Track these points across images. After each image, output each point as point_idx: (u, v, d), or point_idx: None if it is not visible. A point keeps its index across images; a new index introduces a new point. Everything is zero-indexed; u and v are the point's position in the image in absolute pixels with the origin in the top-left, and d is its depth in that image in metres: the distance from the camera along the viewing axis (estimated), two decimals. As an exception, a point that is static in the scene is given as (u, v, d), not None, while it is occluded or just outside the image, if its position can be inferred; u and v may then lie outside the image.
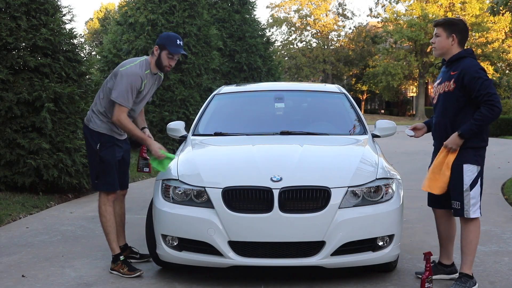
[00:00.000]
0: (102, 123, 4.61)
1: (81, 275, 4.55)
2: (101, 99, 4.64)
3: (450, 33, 4.20)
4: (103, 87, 4.68)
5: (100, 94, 4.68)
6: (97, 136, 4.60)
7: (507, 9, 11.60)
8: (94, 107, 4.67)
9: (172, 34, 4.66)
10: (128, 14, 14.56)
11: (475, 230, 4.15)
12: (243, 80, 18.03)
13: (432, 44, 4.31)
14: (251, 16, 19.22)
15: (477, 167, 4.11)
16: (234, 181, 4.10)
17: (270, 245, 4.02)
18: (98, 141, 4.59)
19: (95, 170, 4.61)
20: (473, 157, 4.10)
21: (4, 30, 7.79)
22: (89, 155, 4.71)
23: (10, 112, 7.71)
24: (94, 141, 4.60)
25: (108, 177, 4.59)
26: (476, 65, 4.11)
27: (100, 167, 4.58)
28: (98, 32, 54.98)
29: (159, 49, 4.60)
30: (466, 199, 4.09)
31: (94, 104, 4.70)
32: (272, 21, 59.84)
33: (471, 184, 4.08)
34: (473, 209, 4.10)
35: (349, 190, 4.11)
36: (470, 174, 4.08)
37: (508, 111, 27.10)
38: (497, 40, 51.46)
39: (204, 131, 5.49)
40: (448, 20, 4.25)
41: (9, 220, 6.59)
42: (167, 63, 4.62)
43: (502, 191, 8.88)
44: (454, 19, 4.28)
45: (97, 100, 4.68)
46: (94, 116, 4.64)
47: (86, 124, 4.69)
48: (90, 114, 4.68)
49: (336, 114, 5.88)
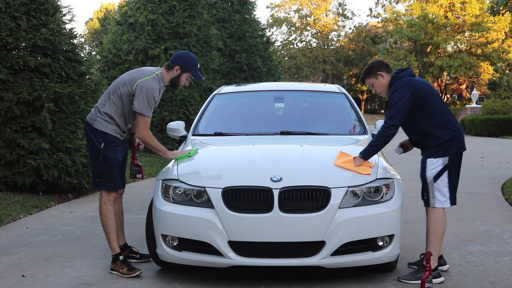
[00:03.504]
0: (108, 124, 4.61)
1: (81, 275, 4.55)
2: (113, 103, 4.61)
3: (376, 75, 4.56)
4: (114, 91, 4.64)
5: (111, 98, 4.63)
6: (101, 136, 4.59)
7: (507, 9, 11.59)
8: (101, 108, 4.64)
9: (195, 58, 4.75)
10: (128, 14, 14.57)
11: (439, 220, 4.38)
12: (243, 80, 18.04)
13: (376, 92, 4.66)
14: (251, 16, 19.23)
15: (442, 159, 4.35)
16: (234, 181, 4.10)
17: (270, 245, 4.02)
18: (102, 140, 4.58)
19: (97, 169, 4.60)
20: (434, 153, 4.38)
21: (4, 30, 7.79)
22: (92, 154, 4.69)
23: (10, 112, 7.71)
24: (98, 140, 4.59)
25: (111, 176, 4.60)
26: (394, 85, 4.45)
27: (103, 166, 4.57)
28: (98, 32, 55.01)
29: (181, 70, 4.68)
30: (431, 190, 4.38)
31: (100, 104, 4.67)
32: (272, 21, 59.84)
33: (435, 176, 4.36)
34: (439, 200, 4.37)
35: (349, 190, 4.11)
36: (432, 167, 4.36)
37: (508, 111, 27.07)
38: (497, 40, 51.44)
39: (204, 131, 5.49)
40: (365, 70, 4.64)
41: (9, 220, 6.59)
42: (184, 84, 4.76)
43: (502, 191, 8.87)
44: (368, 65, 4.68)
45: (106, 102, 4.64)
46: (100, 117, 4.62)
47: (90, 123, 4.65)
48: (95, 113, 4.65)
49: (336, 114, 5.88)
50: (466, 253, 5.16)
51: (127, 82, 4.61)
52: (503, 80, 34.58)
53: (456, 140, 4.41)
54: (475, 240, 5.65)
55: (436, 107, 4.42)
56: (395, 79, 4.48)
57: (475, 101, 34.69)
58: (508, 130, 25.76)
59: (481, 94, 52.02)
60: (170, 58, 4.82)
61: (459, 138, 4.45)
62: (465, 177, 10.55)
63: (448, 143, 4.37)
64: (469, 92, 54.96)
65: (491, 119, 26.27)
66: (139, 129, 4.60)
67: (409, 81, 4.42)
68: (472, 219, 6.67)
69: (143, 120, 4.56)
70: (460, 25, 52.53)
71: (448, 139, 4.37)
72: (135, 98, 4.54)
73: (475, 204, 7.76)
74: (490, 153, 15.99)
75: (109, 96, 4.66)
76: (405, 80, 4.43)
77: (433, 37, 50.56)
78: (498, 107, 27.34)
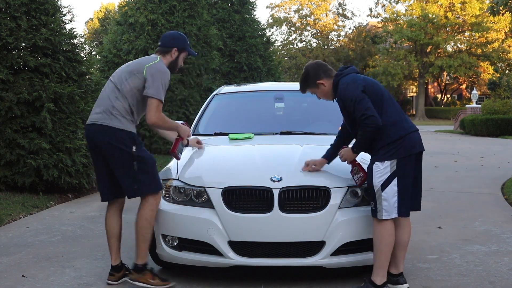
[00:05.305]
0: (127, 122, 4.19)
1: (81, 275, 4.55)
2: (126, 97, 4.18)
3: (316, 85, 4.18)
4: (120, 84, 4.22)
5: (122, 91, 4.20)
6: (128, 137, 4.15)
7: (507, 9, 11.60)
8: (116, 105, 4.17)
9: (184, 35, 4.52)
10: (128, 14, 14.56)
11: (385, 234, 3.91)
12: (243, 80, 18.04)
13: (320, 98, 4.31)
14: (251, 16, 19.24)
15: (389, 163, 3.89)
16: (234, 181, 4.10)
17: (270, 245, 4.02)
18: (131, 142, 4.14)
19: (132, 175, 4.12)
20: (381, 156, 3.92)
21: (4, 30, 7.79)
22: (122, 161, 4.13)
23: (10, 112, 7.71)
24: (125, 144, 4.12)
25: (156, 175, 4.21)
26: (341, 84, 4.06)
27: (142, 168, 4.13)
28: (98, 32, 55.01)
29: (178, 51, 4.40)
30: (379, 200, 3.89)
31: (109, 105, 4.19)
32: (272, 21, 59.87)
33: (382, 185, 3.89)
34: (386, 211, 3.89)
35: (349, 190, 4.11)
36: (380, 175, 3.89)
37: (508, 111, 27.08)
38: (497, 40, 51.48)
39: (204, 131, 5.49)
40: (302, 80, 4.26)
41: (9, 220, 6.59)
42: (180, 64, 4.47)
43: (502, 191, 8.87)
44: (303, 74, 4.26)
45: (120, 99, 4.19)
46: (116, 114, 4.15)
47: (106, 124, 4.14)
48: (107, 114, 4.16)
49: (336, 114, 5.86)
50: (466, 253, 5.16)
51: (134, 71, 4.23)
52: (503, 80, 34.58)
53: (406, 140, 3.94)
54: (475, 240, 5.65)
55: (391, 102, 4.06)
56: (340, 77, 4.11)
57: (475, 101, 34.70)
58: (508, 130, 25.75)
59: (481, 94, 52.05)
60: (161, 43, 4.42)
61: (410, 137, 3.97)
62: (465, 177, 10.58)
63: (397, 143, 3.91)
64: (469, 92, 54.97)
65: (491, 119, 26.27)
66: (152, 114, 4.13)
67: (356, 78, 4.05)
68: (472, 219, 6.67)
69: (156, 103, 4.13)
70: (460, 25, 52.58)
71: (397, 138, 3.92)
72: (149, 83, 4.13)
73: (475, 204, 7.76)
74: (490, 153, 15.99)
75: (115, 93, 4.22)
76: (351, 77, 4.06)
77: (433, 37, 50.61)
78: (498, 107, 27.33)
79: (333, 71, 4.21)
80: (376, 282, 3.94)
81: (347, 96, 3.99)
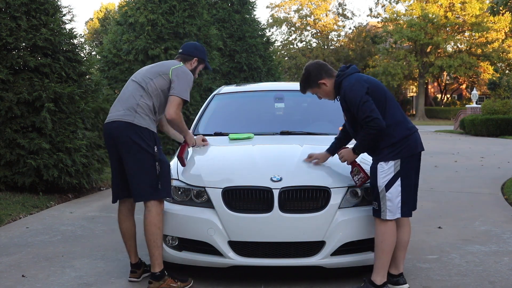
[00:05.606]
0: (150, 121, 4.17)
1: (81, 275, 4.55)
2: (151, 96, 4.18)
3: (318, 85, 4.16)
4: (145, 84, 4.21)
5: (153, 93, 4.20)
6: (151, 136, 4.13)
7: (507, 9, 11.60)
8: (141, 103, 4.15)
9: (205, 49, 4.56)
10: (128, 14, 14.57)
11: (387, 234, 3.91)
12: (243, 80, 18.05)
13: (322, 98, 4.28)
14: (251, 16, 19.25)
15: (394, 163, 3.90)
16: (234, 181, 4.10)
17: (270, 245, 4.02)
18: (153, 143, 4.12)
19: (152, 178, 4.07)
20: (386, 156, 3.92)
21: (4, 30, 7.79)
22: (142, 161, 4.08)
23: (10, 112, 7.71)
24: (147, 144, 4.09)
25: (169, 182, 4.21)
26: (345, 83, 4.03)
27: (163, 171, 4.12)
28: (98, 32, 55.00)
29: (198, 62, 4.47)
30: (383, 201, 3.90)
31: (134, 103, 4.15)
32: (272, 21, 59.89)
33: (386, 185, 3.89)
34: (390, 211, 3.89)
35: (349, 190, 4.11)
36: (384, 175, 3.89)
37: (508, 111, 27.08)
38: (497, 40, 51.48)
39: (204, 131, 5.49)
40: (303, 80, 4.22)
41: (9, 220, 6.59)
42: (195, 76, 4.48)
43: (502, 191, 8.87)
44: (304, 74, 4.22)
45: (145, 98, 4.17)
46: (140, 112, 4.13)
47: (130, 121, 4.10)
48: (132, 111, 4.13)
49: (336, 114, 5.87)
50: (466, 253, 5.16)
51: (160, 72, 4.25)
52: (503, 80, 34.59)
53: (410, 139, 3.97)
54: (475, 240, 5.65)
55: (393, 102, 4.05)
56: (343, 77, 4.09)
57: (475, 101, 34.70)
58: (508, 130, 25.75)
59: (481, 94, 52.08)
60: (183, 50, 4.48)
61: (413, 137, 4.00)
62: (465, 177, 10.58)
63: (401, 143, 3.93)
64: (469, 92, 55.00)
65: (491, 119, 26.27)
66: (172, 110, 4.13)
67: (360, 79, 4.04)
68: (472, 219, 6.67)
69: (179, 101, 4.16)
70: (460, 25, 52.59)
71: (401, 137, 3.94)
72: (175, 83, 4.17)
73: (475, 204, 7.76)
74: (490, 153, 15.99)
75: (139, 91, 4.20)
76: (355, 77, 4.04)
77: (433, 37, 50.62)
78: (498, 107, 27.33)
79: (334, 71, 4.21)
80: (376, 282, 3.94)
81: (351, 97, 3.98)
